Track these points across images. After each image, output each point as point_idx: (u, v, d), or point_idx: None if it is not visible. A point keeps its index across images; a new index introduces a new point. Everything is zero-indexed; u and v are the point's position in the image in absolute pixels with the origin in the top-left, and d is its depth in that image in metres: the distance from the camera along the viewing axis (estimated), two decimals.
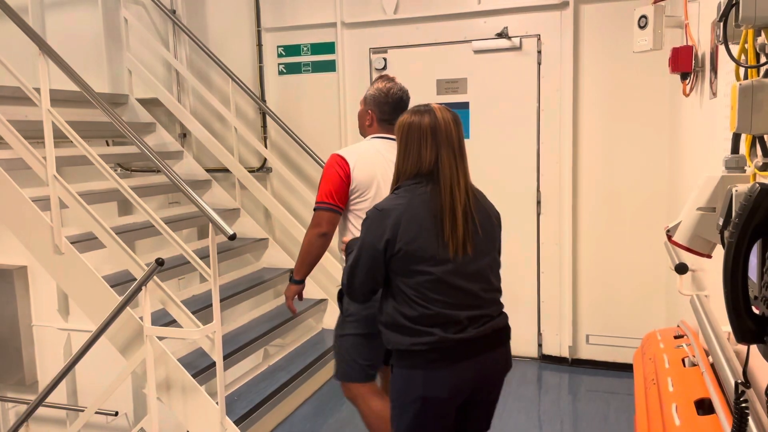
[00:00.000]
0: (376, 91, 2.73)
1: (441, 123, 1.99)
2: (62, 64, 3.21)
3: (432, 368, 1.96)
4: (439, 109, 2.03)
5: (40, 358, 4.32)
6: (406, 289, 1.96)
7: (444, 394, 1.98)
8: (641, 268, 4.13)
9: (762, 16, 1.30)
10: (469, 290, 1.99)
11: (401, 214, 1.95)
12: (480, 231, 2.02)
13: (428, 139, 1.98)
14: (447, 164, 1.99)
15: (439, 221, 1.95)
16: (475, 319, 2.00)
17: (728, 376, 1.65)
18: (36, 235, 3.21)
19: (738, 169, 1.56)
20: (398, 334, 1.99)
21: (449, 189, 1.97)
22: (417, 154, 1.99)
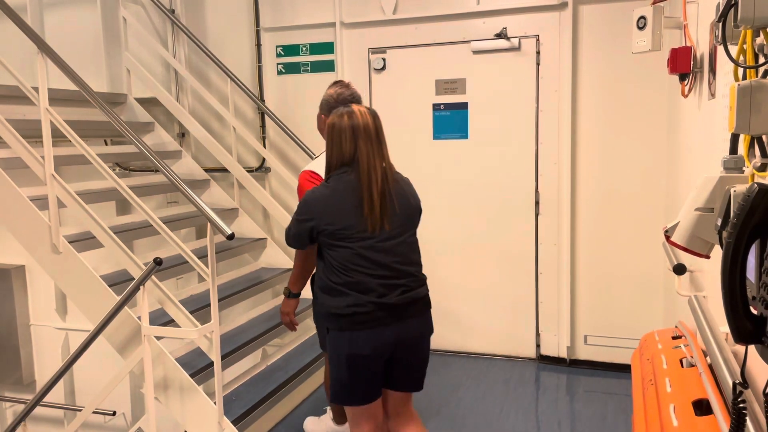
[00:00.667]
0: (329, 96, 2.92)
1: (359, 118, 2.36)
2: (61, 63, 3.20)
3: (357, 329, 2.34)
4: (358, 109, 2.39)
5: (38, 357, 4.32)
6: (331, 260, 2.36)
7: (366, 351, 2.35)
8: (639, 269, 4.13)
9: (761, 16, 1.30)
10: (385, 263, 2.35)
11: (325, 200, 2.35)
12: (398, 210, 2.40)
13: (348, 133, 2.35)
14: (365, 152, 2.34)
15: (359, 201, 2.32)
16: (392, 288, 2.36)
17: (726, 376, 1.65)
18: (34, 234, 3.21)
19: (736, 169, 1.56)
20: (329, 296, 2.37)
21: (367, 172, 2.33)
22: (339, 147, 2.36)
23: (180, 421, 3.12)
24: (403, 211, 2.43)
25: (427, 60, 4.49)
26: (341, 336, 2.37)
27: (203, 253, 3.04)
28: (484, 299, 4.55)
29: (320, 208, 2.35)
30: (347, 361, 2.37)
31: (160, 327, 3.12)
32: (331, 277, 2.37)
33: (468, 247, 4.54)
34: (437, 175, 4.53)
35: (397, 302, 2.37)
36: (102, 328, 2.96)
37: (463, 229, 4.54)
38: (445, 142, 4.52)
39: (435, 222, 4.59)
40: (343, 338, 2.37)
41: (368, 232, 2.33)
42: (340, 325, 2.36)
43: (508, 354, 4.56)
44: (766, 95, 1.37)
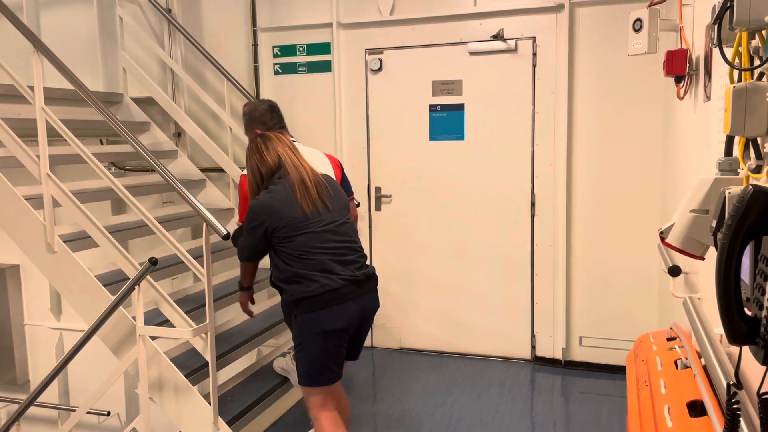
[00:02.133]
0: (245, 115, 3.28)
1: (270, 134, 2.78)
2: (56, 62, 3.19)
3: (328, 306, 2.56)
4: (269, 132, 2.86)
5: (32, 357, 4.30)
6: (288, 251, 2.58)
7: (341, 325, 2.59)
8: (634, 271, 4.14)
9: (756, 18, 1.31)
10: (337, 242, 2.63)
11: (269, 203, 2.61)
12: (332, 193, 2.70)
13: (265, 147, 2.73)
14: (286, 155, 2.71)
15: (295, 193, 2.61)
16: (347, 264, 2.63)
17: (720, 377, 1.66)
18: (29, 233, 3.19)
19: (731, 171, 1.57)
20: (295, 285, 2.58)
21: (294, 167, 2.67)
22: (264, 161, 2.72)
23: (175, 422, 3.12)
24: (337, 196, 2.74)
25: (424, 61, 4.49)
26: (314, 316, 2.58)
27: (199, 253, 3.03)
28: (479, 300, 4.55)
29: (267, 210, 2.61)
30: (323, 338, 2.59)
31: (155, 327, 3.11)
32: (292, 267, 2.59)
33: (463, 247, 4.54)
34: (433, 176, 4.53)
35: (360, 277, 2.65)
36: (97, 328, 2.95)
37: (459, 230, 4.54)
38: (442, 143, 4.52)
39: (431, 223, 4.59)
40: (317, 317, 2.58)
41: (315, 219, 2.61)
42: (311, 306, 2.57)
43: (503, 355, 4.57)
44: (761, 97, 1.37)
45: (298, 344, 2.65)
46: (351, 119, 4.67)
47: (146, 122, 4.90)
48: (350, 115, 4.65)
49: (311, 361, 2.63)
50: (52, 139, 3.31)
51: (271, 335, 4.03)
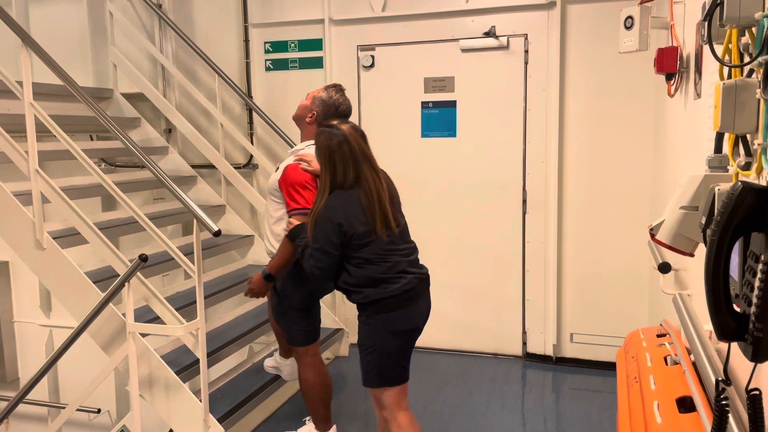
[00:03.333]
0: (329, 99, 2.98)
1: (354, 144, 2.54)
2: (46, 57, 3.16)
3: (405, 306, 2.57)
4: (350, 133, 2.55)
5: (22, 354, 4.27)
6: (367, 255, 2.53)
7: (418, 323, 2.64)
8: (625, 268, 4.15)
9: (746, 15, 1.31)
10: (403, 243, 2.65)
11: (345, 209, 2.50)
12: (397, 206, 2.69)
13: (349, 161, 2.52)
14: (368, 177, 2.55)
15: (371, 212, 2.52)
16: (413, 264, 2.65)
17: (709, 373, 1.67)
18: (17, 230, 3.17)
19: (721, 168, 1.58)
20: (373, 288, 2.54)
21: (374, 193, 2.54)
22: (343, 173, 2.53)
23: (165, 419, 3.11)
24: (398, 205, 2.73)
25: (416, 58, 4.48)
26: (391, 316, 2.56)
27: (189, 250, 3.02)
28: (471, 297, 4.56)
29: (344, 216, 2.50)
30: (399, 337, 2.59)
31: (146, 324, 3.10)
32: (367, 271, 2.54)
33: (455, 245, 4.54)
34: (425, 173, 4.53)
35: (425, 275, 2.70)
36: (86, 325, 2.93)
37: (451, 227, 4.54)
38: (434, 140, 4.52)
39: (422, 220, 4.58)
40: (395, 317, 2.56)
41: (387, 231, 2.57)
42: (389, 306, 2.55)
43: (495, 352, 4.58)
44: (751, 94, 1.38)
45: (369, 345, 2.59)
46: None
47: (136, 118, 4.87)
48: None
49: (386, 361, 2.60)
50: (41, 135, 3.29)
51: (262, 332, 4.02)
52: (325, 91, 3.00)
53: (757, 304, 0.98)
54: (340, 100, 2.98)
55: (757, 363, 1.03)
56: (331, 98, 2.97)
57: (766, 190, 1.00)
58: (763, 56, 1.24)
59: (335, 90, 3.01)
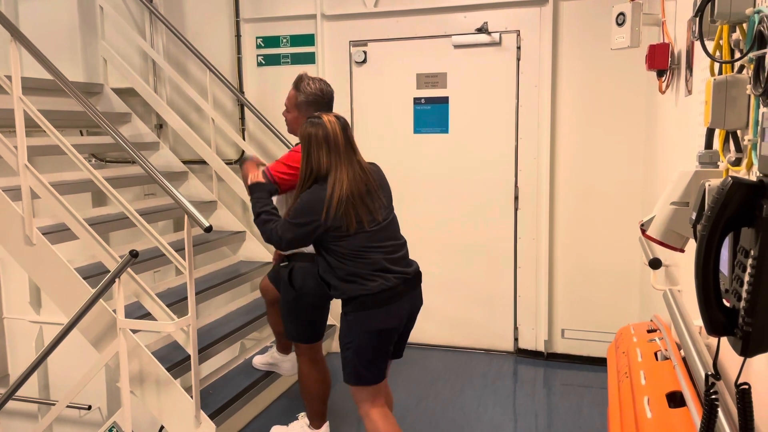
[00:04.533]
0: (312, 93, 2.94)
1: (330, 132, 2.50)
2: (35, 51, 3.14)
3: (383, 306, 2.51)
4: (328, 120, 2.53)
5: (12, 351, 4.25)
6: (342, 250, 2.50)
7: (393, 324, 2.56)
8: (616, 263, 4.17)
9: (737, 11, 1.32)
10: (387, 240, 2.58)
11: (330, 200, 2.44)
12: (383, 200, 2.61)
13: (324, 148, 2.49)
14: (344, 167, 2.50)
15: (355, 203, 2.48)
16: (397, 261, 2.58)
17: (699, 368, 1.68)
18: (6, 225, 3.15)
19: (711, 164, 1.58)
20: (350, 284, 2.51)
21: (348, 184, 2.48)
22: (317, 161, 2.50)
23: (156, 415, 3.10)
24: (386, 197, 2.65)
25: (409, 53, 4.48)
26: (367, 314, 2.52)
27: (180, 246, 3.00)
28: (462, 293, 4.57)
29: (329, 206, 2.45)
30: (375, 336, 2.54)
31: (136, 320, 3.08)
32: (347, 266, 2.51)
33: (447, 241, 4.55)
34: (417, 169, 4.53)
35: (411, 274, 2.62)
36: (76, 321, 2.92)
37: (443, 223, 4.54)
38: (426, 136, 4.52)
39: (414, 216, 4.58)
40: (371, 316, 2.52)
41: (369, 217, 2.53)
42: (366, 304, 2.51)
43: (487, 347, 4.59)
44: (741, 90, 1.38)
45: (348, 342, 2.57)
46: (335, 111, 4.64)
47: (127, 113, 4.84)
48: (334, 108, 4.61)
49: (361, 359, 2.57)
50: (31, 130, 3.26)
51: (254, 329, 4.02)
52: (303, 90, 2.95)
53: (746, 298, 0.99)
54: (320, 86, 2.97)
55: (747, 357, 1.03)
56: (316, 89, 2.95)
57: (756, 185, 1.01)
58: (754, 52, 1.24)
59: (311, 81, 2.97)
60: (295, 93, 2.96)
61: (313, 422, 3.23)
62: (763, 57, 1.21)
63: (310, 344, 3.14)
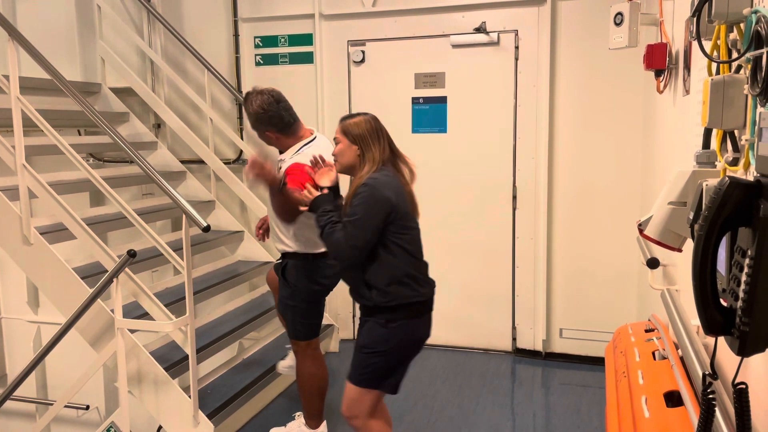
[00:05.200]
0: (261, 108, 2.97)
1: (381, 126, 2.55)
2: (32, 51, 3.13)
3: (422, 316, 2.44)
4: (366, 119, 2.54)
5: (9, 351, 4.24)
6: (405, 246, 2.36)
7: (428, 334, 2.49)
8: (614, 263, 4.18)
9: (734, 11, 1.32)
10: None
11: (393, 187, 2.39)
12: None
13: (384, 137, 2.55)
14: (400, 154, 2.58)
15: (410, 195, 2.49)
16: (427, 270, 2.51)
17: (696, 368, 1.68)
18: (4, 225, 3.14)
19: (709, 164, 1.58)
20: (404, 287, 2.36)
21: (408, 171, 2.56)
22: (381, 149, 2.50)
23: (154, 415, 3.09)
24: None
25: (407, 53, 4.47)
26: (416, 324, 2.42)
27: (178, 246, 3.00)
28: (461, 292, 4.56)
29: (395, 192, 2.36)
30: (415, 346, 2.45)
31: (134, 320, 3.08)
32: (403, 264, 2.36)
33: (445, 240, 4.54)
34: (415, 168, 4.51)
35: (433, 284, 2.53)
36: (74, 321, 2.91)
37: (441, 223, 4.54)
38: (424, 135, 4.52)
39: None
40: (418, 325, 2.43)
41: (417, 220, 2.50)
42: (417, 312, 2.40)
43: (485, 347, 4.59)
44: (739, 90, 1.38)
45: (382, 350, 2.37)
46: (333, 111, 4.64)
47: (125, 113, 4.84)
48: (332, 107, 4.62)
49: (391, 367, 2.42)
50: (28, 130, 3.25)
51: (252, 328, 4.01)
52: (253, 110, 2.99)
53: (743, 298, 0.99)
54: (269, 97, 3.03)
55: (744, 357, 1.04)
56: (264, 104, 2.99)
57: (753, 185, 1.01)
58: (751, 52, 1.24)
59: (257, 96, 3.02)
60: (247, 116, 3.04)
61: (310, 421, 3.23)
62: (760, 57, 1.21)
63: (308, 341, 3.15)
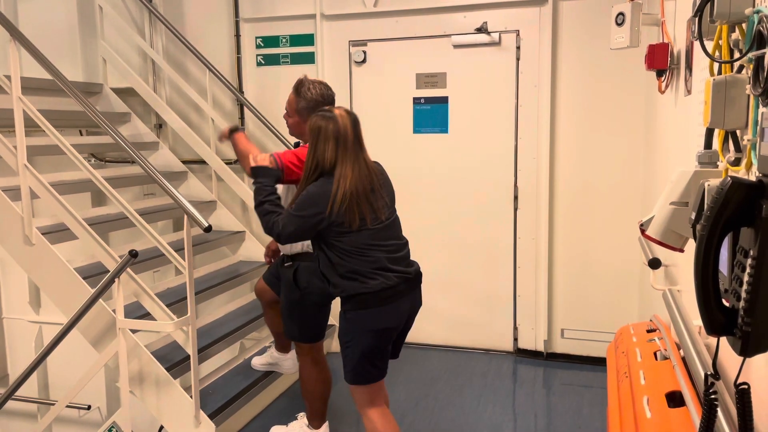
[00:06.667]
0: (312, 99, 2.89)
1: (341, 125, 2.47)
2: (34, 51, 3.13)
3: (384, 305, 2.51)
4: (339, 114, 2.51)
5: (11, 351, 4.24)
6: (344, 246, 2.48)
7: (393, 323, 2.57)
8: (616, 263, 4.17)
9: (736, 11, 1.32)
10: (390, 239, 2.57)
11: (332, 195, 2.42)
12: (386, 199, 2.60)
13: (331, 143, 2.46)
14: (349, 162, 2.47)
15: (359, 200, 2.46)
16: (398, 261, 2.58)
17: (698, 368, 1.68)
18: (6, 225, 3.14)
19: (711, 164, 1.58)
20: (351, 281, 2.50)
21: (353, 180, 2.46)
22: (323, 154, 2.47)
23: (156, 415, 3.09)
24: (389, 197, 2.65)
25: (408, 53, 4.47)
26: (367, 314, 2.52)
27: (180, 246, 3.00)
28: (462, 293, 4.57)
29: (330, 202, 2.43)
30: (374, 336, 2.53)
31: (136, 320, 3.08)
32: (348, 263, 2.49)
33: (446, 241, 4.55)
34: (417, 169, 4.53)
35: (411, 274, 2.61)
36: (76, 321, 2.91)
37: (442, 223, 4.54)
38: (425, 136, 4.52)
39: (414, 216, 4.58)
40: (370, 315, 2.52)
41: (372, 215, 2.52)
42: (366, 303, 2.50)
43: (486, 347, 4.59)
44: (741, 90, 1.38)
45: (347, 340, 2.56)
46: None
47: (127, 113, 4.84)
48: None
49: (360, 358, 2.56)
50: (30, 130, 3.26)
51: (253, 328, 4.01)
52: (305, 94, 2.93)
53: (745, 298, 0.99)
54: (321, 90, 2.95)
55: (746, 357, 1.04)
56: (318, 95, 2.92)
57: (756, 185, 1.01)
58: (753, 52, 1.24)
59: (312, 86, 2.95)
60: (295, 98, 2.93)
61: (312, 422, 3.23)
62: (762, 57, 1.21)
63: (312, 344, 3.14)
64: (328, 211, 2.42)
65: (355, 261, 2.49)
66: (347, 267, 2.50)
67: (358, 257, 2.49)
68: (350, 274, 2.50)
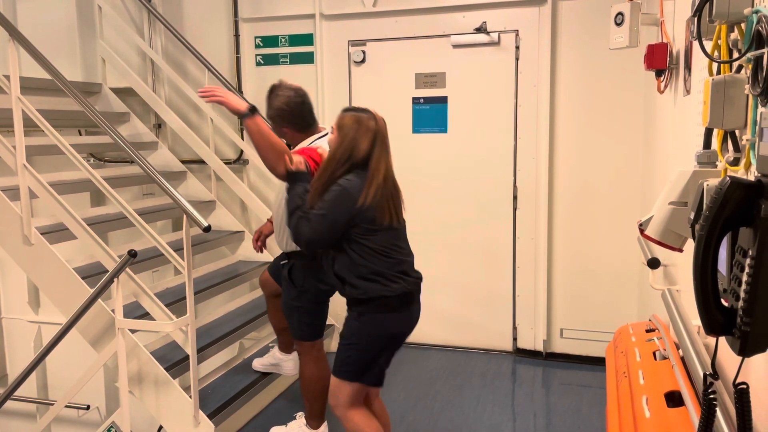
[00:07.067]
0: (285, 105, 2.96)
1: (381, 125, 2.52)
2: (33, 51, 3.13)
3: (401, 310, 2.52)
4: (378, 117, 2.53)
5: (10, 351, 4.25)
6: (370, 245, 2.45)
7: (407, 329, 2.58)
8: (615, 263, 4.17)
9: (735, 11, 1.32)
10: (405, 245, 2.61)
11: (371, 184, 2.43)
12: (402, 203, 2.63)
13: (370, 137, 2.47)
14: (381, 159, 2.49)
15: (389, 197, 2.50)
16: (411, 267, 2.60)
17: (697, 368, 1.68)
18: (5, 225, 3.14)
19: (710, 164, 1.58)
20: (372, 283, 2.46)
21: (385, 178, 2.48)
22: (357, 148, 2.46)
23: (155, 415, 3.09)
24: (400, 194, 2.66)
25: (407, 53, 4.47)
26: (385, 318, 2.50)
27: (179, 246, 3.00)
28: (461, 293, 4.57)
29: (359, 194, 2.41)
30: (388, 340, 2.53)
31: (135, 320, 3.08)
32: (371, 263, 2.46)
33: (446, 240, 4.55)
34: (416, 169, 4.52)
35: (420, 280, 2.63)
36: (75, 321, 2.91)
37: (442, 223, 4.54)
38: (425, 135, 4.52)
39: (413, 216, 4.55)
40: (389, 319, 2.50)
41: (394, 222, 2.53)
42: (387, 306, 2.48)
43: (485, 347, 4.59)
44: (740, 90, 1.38)
45: (355, 342, 2.53)
46: (334, 111, 4.61)
47: (126, 113, 4.84)
48: (333, 108, 4.62)
49: (367, 360, 2.53)
50: (29, 130, 3.25)
51: (253, 328, 4.01)
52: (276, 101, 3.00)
53: (744, 298, 0.99)
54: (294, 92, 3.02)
55: (745, 357, 1.04)
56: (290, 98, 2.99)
57: (754, 185, 1.01)
58: (752, 52, 1.24)
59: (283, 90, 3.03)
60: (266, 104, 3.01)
61: (311, 422, 3.23)
62: (761, 57, 1.21)
63: (312, 342, 3.15)
64: (361, 202, 2.39)
65: (380, 262, 2.46)
66: (370, 268, 2.46)
67: (384, 258, 2.47)
68: (372, 275, 2.46)
